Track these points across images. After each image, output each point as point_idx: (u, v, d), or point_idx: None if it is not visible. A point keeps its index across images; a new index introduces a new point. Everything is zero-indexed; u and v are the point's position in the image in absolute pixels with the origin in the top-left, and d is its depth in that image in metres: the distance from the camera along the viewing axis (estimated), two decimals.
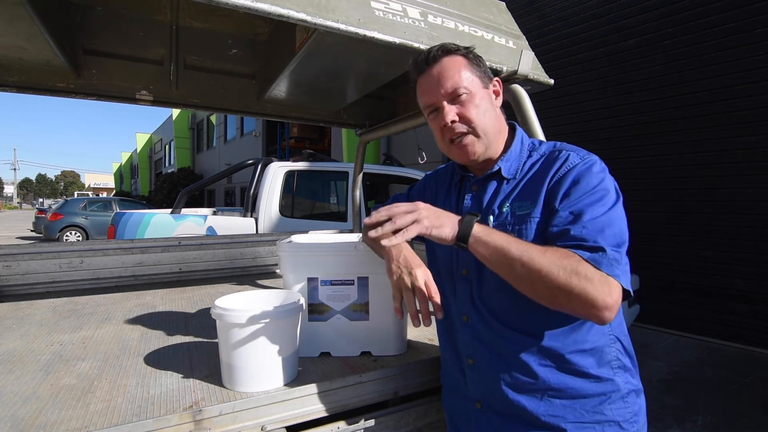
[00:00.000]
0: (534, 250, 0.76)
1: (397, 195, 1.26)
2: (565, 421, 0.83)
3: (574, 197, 0.81)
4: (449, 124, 0.90)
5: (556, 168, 0.86)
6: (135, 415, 0.88)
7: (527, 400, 0.85)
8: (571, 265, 0.73)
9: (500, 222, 0.89)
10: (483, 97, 0.92)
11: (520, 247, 0.76)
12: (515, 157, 0.94)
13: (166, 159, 31.64)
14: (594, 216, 0.78)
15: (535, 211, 0.85)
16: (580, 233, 0.77)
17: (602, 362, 0.85)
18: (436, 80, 0.90)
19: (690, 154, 4.73)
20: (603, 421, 0.83)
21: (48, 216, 13.10)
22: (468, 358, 0.94)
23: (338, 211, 5.19)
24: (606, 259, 0.74)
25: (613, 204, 0.81)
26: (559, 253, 0.75)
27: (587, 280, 0.72)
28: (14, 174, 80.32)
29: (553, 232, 0.80)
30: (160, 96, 1.93)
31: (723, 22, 4.46)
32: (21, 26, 1.31)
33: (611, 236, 0.76)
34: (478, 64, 0.94)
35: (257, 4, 0.98)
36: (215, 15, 1.81)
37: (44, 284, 2.09)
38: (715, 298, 4.53)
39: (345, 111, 2.34)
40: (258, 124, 16.77)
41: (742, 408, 3.04)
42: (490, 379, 0.90)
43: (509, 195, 0.91)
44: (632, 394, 0.87)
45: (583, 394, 0.83)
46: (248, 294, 1.17)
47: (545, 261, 0.74)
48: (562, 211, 0.81)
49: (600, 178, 0.83)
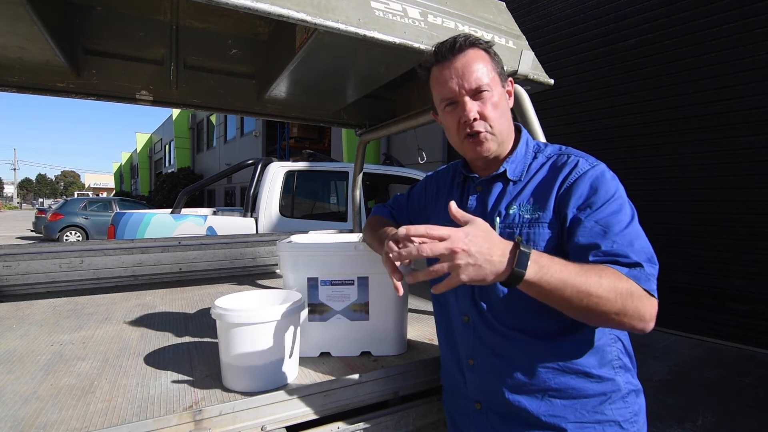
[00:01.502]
0: (591, 279, 0.71)
1: (397, 195, 1.26)
2: (565, 421, 0.83)
3: (596, 207, 0.80)
4: (470, 120, 0.88)
5: (566, 173, 0.86)
6: (135, 415, 0.88)
7: (528, 400, 0.85)
8: (626, 288, 0.72)
9: (507, 224, 0.88)
10: (501, 96, 0.91)
11: (577, 281, 0.71)
12: (520, 158, 0.94)
13: (166, 159, 31.65)
14: (621, 228, 0.78)
15: (545, 216, 0.85)
16: (612, 248, 0.76)
17: (603, 362, 0.85)
18: (460, 73, 0.88)
19: (690, 154, 4.72)
20: (603, 421, 0.83)
21: (48, 216, 13.10)
22: (468, 358, 0.94)
23: (338, 211, 5.19)
24: (644, 274, 0.74)
25: (633, 214, 0.81)
26: (613, 276, 0.73)
27: (639, 300, 0.72)
28: (14, 174, 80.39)
29: (581, 243, 0.79)
30: (160, 96, 1.93)
31: (723, 22, 4.46)
32: (21, 26, 1.31)
33: (641, 250, 0.76)
34: (498, 61, 0.93)
35: (257, 4, 0.98)
36: (215, 15, 1.81)
37: (44, 284, 2.09)
38: (715, 298, 4.53)
39: (345, 111, 2.34)
40: (258, 124, 16.77)
41: (742, 408, 3.03)
42: (490, 379, 0.90)
43: (516, 197, 0.90)
44: (632, 394, 0.87)
45: (584, 394, 0.83)
46: (248, 294, 1.17)
47: (603, 290, 0.71)
48: (586, 221, 0.80)
49: (615, 186, 0.83)
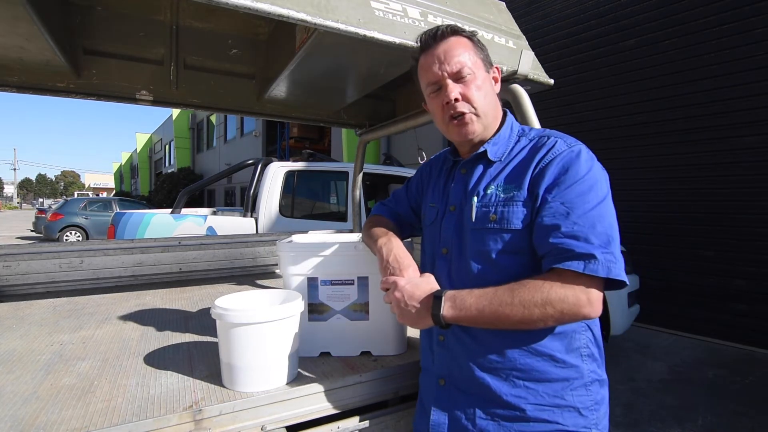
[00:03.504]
0: (503, 303, 0.79)
1: (396, 190, 1.26)
2: (525, 402, 0.84)
3: (564, 186, 0.82)
4: (452, 102, 0.90)
5: (542, 154, 0.87)
6: (135, 415, 0.88)
7: (492, 378, 0.86)
8: (542, 297, 0.77)
9: (483, 203, 0.90)
10: (485, 80, 0.93)
11: (490, 309, 0.79)
12: (503, 141, 0.95)
13: (166, 159, 31.64)
14: (585, 210, 0.79)
15: (519, 195, 0.86)
16: (572, 229, 0.78)
17: (570, 348, 0.85)
18: (442, 58, 0.91)
19: (690, 154, 4.72)
20: (563, 406, 0.83)
21: (48, 216, 13.10)
22: (439, 335, 0.96)
23: (338, 211, 5.19)
24: (601, 265, 0.76)
25: (604, 196, 0.82)
26: (526, 289, 0.78)
27: (561, 302, 0.76)
28: (14, 174, 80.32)
29: (544, 223, 0.81)
30: (160, 96, 1.93)
31: (723, 22, 4.46)
32: (21, 26, 1.31)
33: (603, 233, 0.78)
34: (482, 48, 0.96)
35: (257, 4, 0.98)
36: (215, 15, 1.81)
37: (44, 284, 2.09)
38: (715, 298, 4.53)
39: (345, 111, 2.34)
40: (258, 124, 16.77)
41: (742, 408, 3.04)
42: (457, 355, 0.91)
43: (495, 178, 0.91)
44: (596, 383, 0.87)
45: (547, 377, 0.84)
46: (248, 294, 1.17)
47: (518, 310, 0.77)
48: (552, 201, 0.81)
49: (588, 166, 0.84)
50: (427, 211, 1.07)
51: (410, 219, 1.18)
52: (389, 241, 1.01)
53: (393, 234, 1.06)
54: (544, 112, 5.15)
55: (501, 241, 0.86)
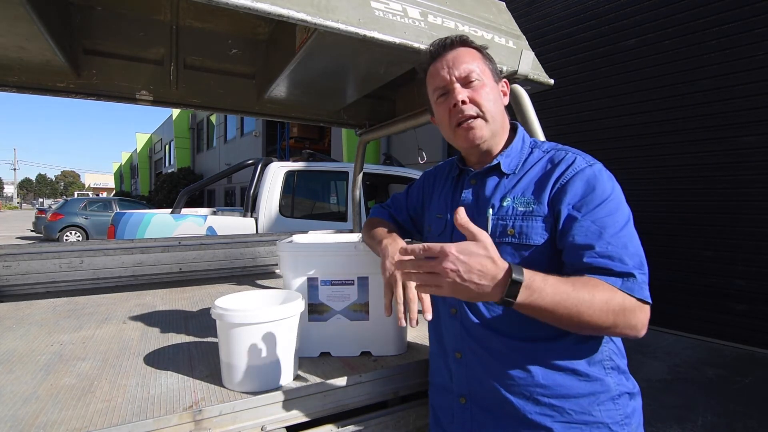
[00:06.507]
0: (582, 298, 0.72)
1: (395, 194, 1.26)
2: (552, 420, 0.81)
3: (592, 205, 0.81)
4: (459, 104, 0.90)
5: (562, 169, 0.86)
6: (135, 415, 0.88)
7: (514, 396, 0.83)
8: (618, 304, 0.73)
9: (500, 216, 0.88)
10: (493, 88, 0.94)
11: (569, 302, 0.71)
12: (516, 153, 0.94)
13: (166, 159, 31.64)
14: (617, 230, 0.78)
15: (539, 209, 0.84)
16: (606, 249, 0.77)
17: (593, 361, 0.83)
18: (450, 63, 0.92)
19: (690, 154, 4.72)
20: (591, 422, 0.80)
21: (48, 216, 13.10)
22: (455, 351, 0.93)
23: (338, 211, 5.19)
24: (637, 285, 0.75)
25: (629, 216, 0.82)
26: (606, 292, 0.73)
27: (631, 313, 0.74)
28: (14, 174, 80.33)
29: (577, 242, 0.79)
30: (160, 96, 1.93)
31: (723, 22, 4.46)
32: (21, 26, 1.31)
33: (635, 254, 0.77)
34: (491, 61, 0.97)
35: (257, 4, 0.98)
36: (215, 15, 1.81)
37: (44, 284, 2.09)
38: (715, 298, 4.53)
39: (345, 111, 2.34)
40: (258, 124, 16.77)
41: (742, 408, 3.03)
42: (477, 373, 0.89)
43: (511, 190, 0.90)
44: (625, 396, 0.84)
45: (571, 393, 0.81)
46: (248, 294, 1.17)
47: (595, 309, 0.72)
48: (583, 220, 0.80)
49: (611, 186, 0.83)
50: (433, 222, 1.05)
51: (408, 227, 1.18)
52: (394, 241, 1.00)
53: (396, 235, 1.05)
54: (544, 112, 5.14)
55: (519, 256, 0.84)
